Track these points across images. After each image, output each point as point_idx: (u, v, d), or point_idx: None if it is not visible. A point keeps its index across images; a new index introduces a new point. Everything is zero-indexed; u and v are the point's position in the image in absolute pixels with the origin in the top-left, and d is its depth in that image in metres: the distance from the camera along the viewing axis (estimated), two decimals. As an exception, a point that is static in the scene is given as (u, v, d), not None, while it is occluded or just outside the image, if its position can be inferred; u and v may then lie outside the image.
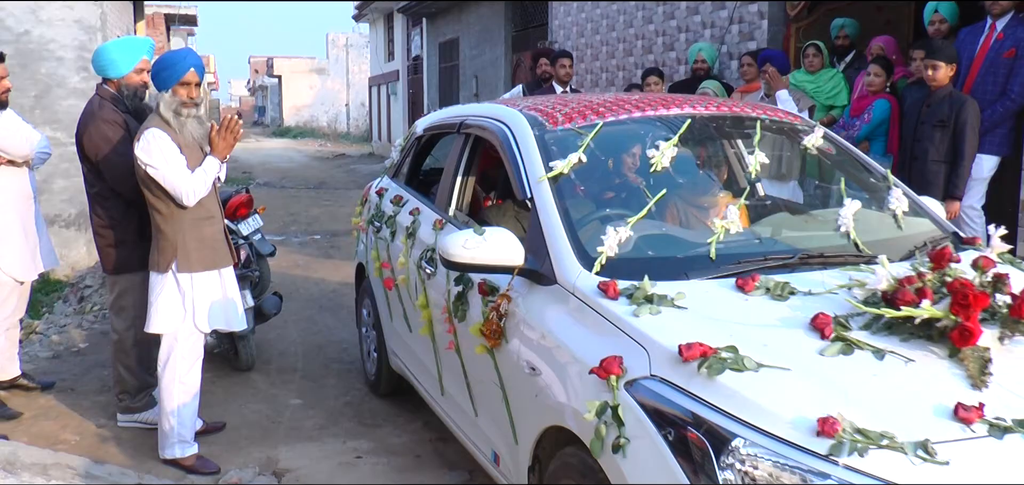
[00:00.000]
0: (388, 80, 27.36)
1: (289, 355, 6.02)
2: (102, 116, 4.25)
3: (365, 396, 5.19)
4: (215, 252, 4.08)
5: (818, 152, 3.56)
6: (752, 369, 2.15)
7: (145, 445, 4.37)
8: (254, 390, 5.28)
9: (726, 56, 8.45)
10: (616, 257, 2.80)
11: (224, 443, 4.45)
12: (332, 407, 4.99)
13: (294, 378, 5.52)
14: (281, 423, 4.75)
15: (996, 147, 5.28)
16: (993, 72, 5.29)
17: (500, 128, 3.60)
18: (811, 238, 3.14)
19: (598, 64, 11.34)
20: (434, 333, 3.78)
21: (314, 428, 4.67)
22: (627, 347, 2.38)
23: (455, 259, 2.91)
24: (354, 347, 6.11)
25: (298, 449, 4.38)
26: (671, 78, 9.08)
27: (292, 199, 15.70)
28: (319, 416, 4.85)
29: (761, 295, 2.54)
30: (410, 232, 4.14)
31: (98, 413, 4.85)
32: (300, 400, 5.12)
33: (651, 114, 3.53)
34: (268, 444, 4.44)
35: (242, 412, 4.89)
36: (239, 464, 4.18)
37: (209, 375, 5.22)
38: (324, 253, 10.09)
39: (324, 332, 6.65)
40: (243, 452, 4.34)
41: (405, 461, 4.25)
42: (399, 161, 5.05)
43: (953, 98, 5.17)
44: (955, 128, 5.10)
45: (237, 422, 4.74)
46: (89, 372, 5.63)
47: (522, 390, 2.85)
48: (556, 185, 3.12)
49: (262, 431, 4.63)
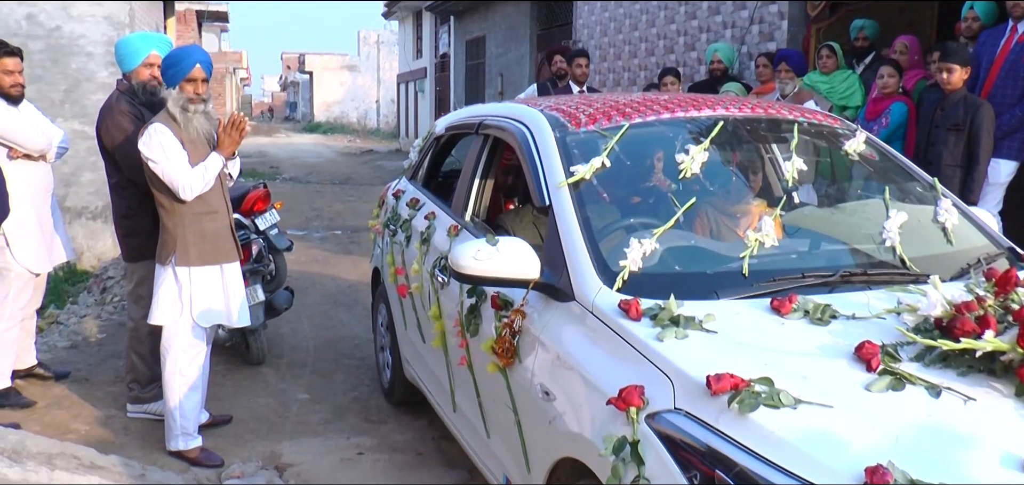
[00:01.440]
0: (416, 77, 27.30)
1: (301, 350, 6.01)
2: (118, 108, 4.35)
3: (372, 392, 5.17)
4: (217, 247, 4.06)
5: (860, 158, 3.30)
6: (790, 406, 1.91)
7: (153, 437, 4.38)
8: (263, 384, 5.28)
9: (746, 57, 8.29)
10: (640, 272, 2.57)
11: (230, 436, 4.45)
12: (339, 403, 4.98)
13: (304, 373, 5.51)
14: (287, 418, 4.74)
15: (1015, 152, 5.16)
16: (1013, 75, 5.17)
17: (519, 129, 3.38)
18: (852, 253, 2.88)
19: (620, 63, 11.25)
20: (447, 346, 3.57)
21: (319, 423, 4.66)
22: (649, 375, 2.15)
23: (466, 271, 2.70)
24: (366, 343, 6.09)
25: (302, 444, 4.37)
26: (691, 78, 9.02)
27: (316, 194, 15.71)
28: (325, 411, 4.84)
29: (799, 318, 2.29)
30: (425, 237, 3.93)
31: (110, 404, 4.88)
32: (308, 395, 5.11)
33: (681, 115, 3.29)
34: (273, 438, 4.44)
35: (250, 405, 4.90)
36: (243, 458, 4.17)
37: (220, 368, 5.36)
38: (343, 249, 10.07)
39: (337, 327, 6.64)
40: (248, 446, 4.34)
41: (407, 458, 4.23)
42: (417, 162, 4.85)
43: (967, 101, 5.07)
44: (970, 132, 5.00)
45: (244, 415, 4.73)
46: (105, 362, 5.66)
47: (535, 415, 2.63)
48: (577, 191, 2.90)
49: (268, 425, 4.63)
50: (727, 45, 8.08)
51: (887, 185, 3.15)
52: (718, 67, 7.62)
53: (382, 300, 4.92)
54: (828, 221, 3.13)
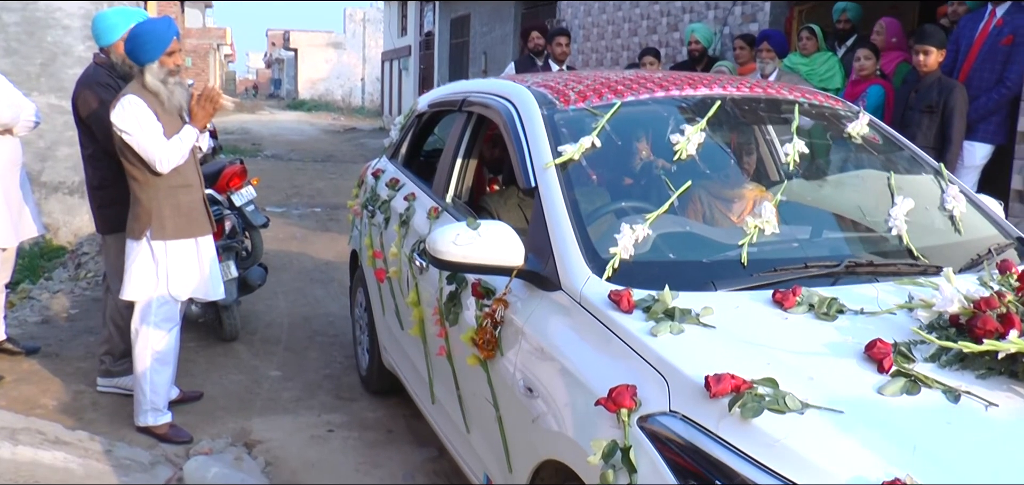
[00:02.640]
0: (400, 55, 27.07)
1: (275, 326, 5.95)
2: (96, 79, 4.31)
3: (345, 369, 5.11)
4: (191, 220, 4.02)
5: (863, 141, 3.13)
6: (796, 410, 1.74)
7: (122, 412, 4.30)
8: (236, 360, 5.22)
9: (728, 38, 8.22)
10: (631, 260, 2.39)
11: (200, 413, 4.39)
12: (311, 380, 4.94)
13: (277, 350, 5.46)
14: (258, 394, 4.70)
15: (990, 135, 5.17)
16: (991, 59, 5.20)
17: (504, 106, 3.19)
18: (857, 242, 2.71)
19: (603, 43, 11.17)
20: (425, 335, 3.39)
21: (290, 400, 4.63)
22: (642, 373, 1.98)
23: (444, 256, 2.51)
24: (341, 320, 6.06)
25: (272, 421, 4.33)
26: (673, 59, 8.97)
27: (298, 171, 15.62)
28: (297, 388, 4.80)
29: (803, 313, 2.12)
30: (404, 219, 3.74)
31: (79, 379, 4.79)
32: (280, 372, 5.06)
33: (676, 94, 3.11)
34: (243, 415, 4.39)
35: (221, 382, 4.84)
36: (212, 434, 4.14)
37: (193, 344, 5.31)
38: (322, 226, 9.99)
39: (313, 305, 6.56)
40: (218, 422, 4.29)
41: (377, 436, 4.20)
42: (398, 140, 4.65)
43: (942, 83, 5.08)
44: (943, 114, 5.00)
45: (215, 392, 4.68)
46: (76, 338, 5.54)
47: (518, 412, 2.45)
48: (565, 173, 2.71)
49: (239, 402, 4.58)
50: (705, 26, 8.00)
51: (891, 170, 2.99)
52: (696, 47, 7.52)
53: (360, 284, 4.73)
54: (825, 201, 2.97)
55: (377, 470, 3.86)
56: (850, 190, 3.01)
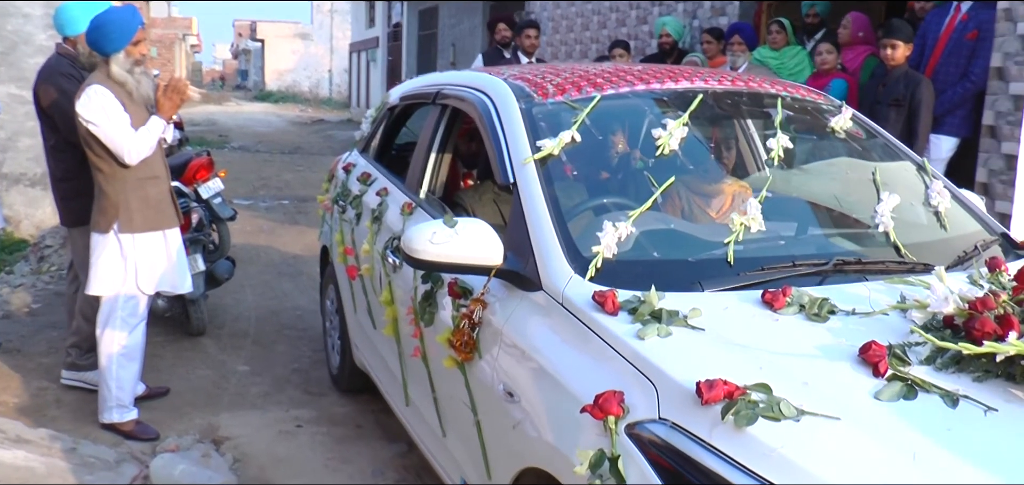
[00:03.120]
0: (368, 46, 26.85)
1: (243, 320, 5.87)
2: (58, 69, 4.23)
3: (313, 364, 5.05)
4: (160, 213, 3.97)
5: (846, 135, 3.08)
6: (792, 418, 1.67)
7: (86, 409, 4.21)
8: (203, 355, 5.14)
9: (697, 31, 8.20)
10: (614, 259, 2.31)
11: (166, 409, 4.31)
12: (279, 374, 4.87)
13: (245, 344, 5.39)
14: (226, 390, 4.63)
15: (955, 128, 5.25)
16: (956, 54, 5.27)
17: (480, 99, 3.10)
18: (842, 238, 2.66)
19: (573, 35, 11.10)
20: (399, 334, 3.29)
21: (258, 395, 4.56)
22: (629, 379, 1.90)
23: (420, 255, 2.41)
24: (309, 314, 5.99)
25: (240, 417, 4.27)
26: (643, 51, 8.92)
27: (265, 163, 15.47)
28: (265, 383, 4.74)
29: (793, 314, 2.06)
30: (376, 215, 3.63)
31: (42, 375, 4.69)
32: (248, 367, 4.99)
33: (656, 87, 3.03)
34: (211, 411, 4.33)
35: (188, 377, 4.77)
36: (179, 431, 4.06)
37: (159, 339, 5.23)
38: (290, 219, 9.88)
39: (281, 298, 6.49)
40: (185, 418, 4.22)
41: (345, 431, 4.15)
42: (370, 134, 4.53)
43: (909, 77, 5.14)
44: (910, 107, 5.06)
45: (182, 387, 4.61)
46: (39, 333, 5.42)
47: (497, 417, 2.36)
48: (544, 168, 2.62)
49: (206, 397, 4.51)
50: (675, 19, 7.98)
51: (874, 165, 2.93)
52: (666, 41, 7.52)
53: (331, 281, 4.61)
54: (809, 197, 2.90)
55: (346, 466, 3.81)
56: (834, 186, 2.95)
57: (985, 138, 5.04)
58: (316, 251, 8.06)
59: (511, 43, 7.49)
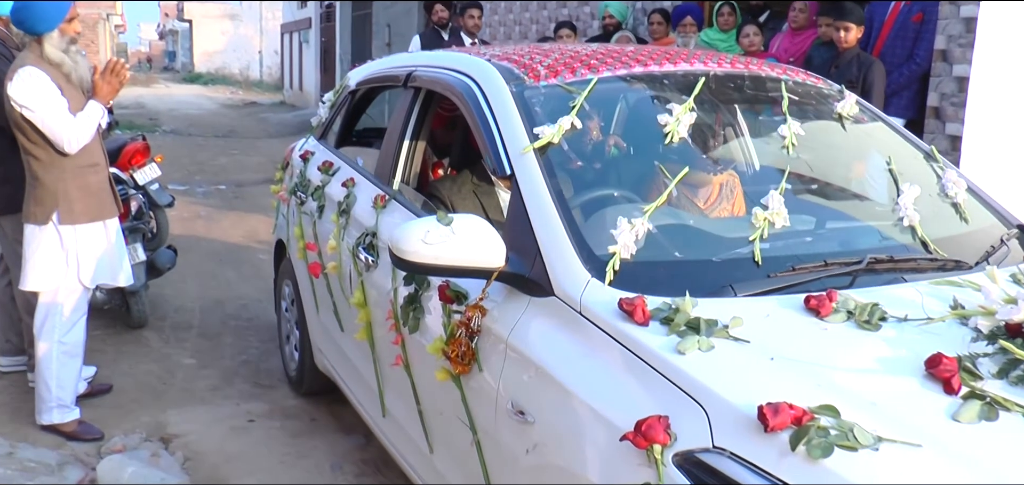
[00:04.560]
0: (300, 27, 26.24)
1: (185, 311, 5.69)
2: None
3: (262, 355, 4.90)
4: (100, 202, 3.78)
5: (853, 121, 2.90)
6: (869, 446, 1.47)
7: (23, 410, 3.98)
8: (146, 349, 4.97)
9: (640, 13, 8.11)
10: (632, 260, 2.08)
11: (110, 406, 4.11)
12: (227, 367, 4.73)
13: (189, 336, 5.23)
14: (173, 385, 4.47)
15: (902, 109, 5.33)
16: (902, 36, 5.36)
17: (463, 82, 2.83)
18: (866, 233, 2.48)
19: (512, 17, 10.94)
20: (374, 339, 3.01)
21: (207, 389, 4.42)
22: (672, 400, 1.67)
23: (411, 258, 2.14)
24: (254, 303, 5.85)
25: (188, 412, 4.12)
26: (585, 33, 8.78)
27: (199, 148, 15.02)
28: (213, 376, 4.59)
29: (842, 321, 1.85)
30: (343, 209, 3.34)
31: None
32: (194, 360, 4.84)
33: (655, 70, 2.81)
34: (157, 407, 4.16)
35: (132, 373, 4.58)
36: (125, 429, 3.88)
37: (98, 333, 5.02)
38: (228, 205, 9.63)
39: (224, 288, 6.30)
40: (130, 416, 4.04)
41: (300, 424, 4.02)
42: (328, 119, 4.21)
43: (861, 59, 5.16)
44: (863, 89, 5.07)
45: (125, 383, 4.41)
46: None
47: (504, 438, 2.11)
48: (544, 158, 2.38)
49: (152, 393, 4.34)
50: (620, 1, 7.85)
51: (884, 153, 2.77)
52: (610, 22, 7.44)
53: (288, 277, 4.29)
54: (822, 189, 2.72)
55: (303, 461, 3.66)
56: (847, 175, 2.78)
57: (930, 119, 5.14)
58: (259, 237, 7.88)
59: (449, 24, 7.34)
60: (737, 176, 2.78)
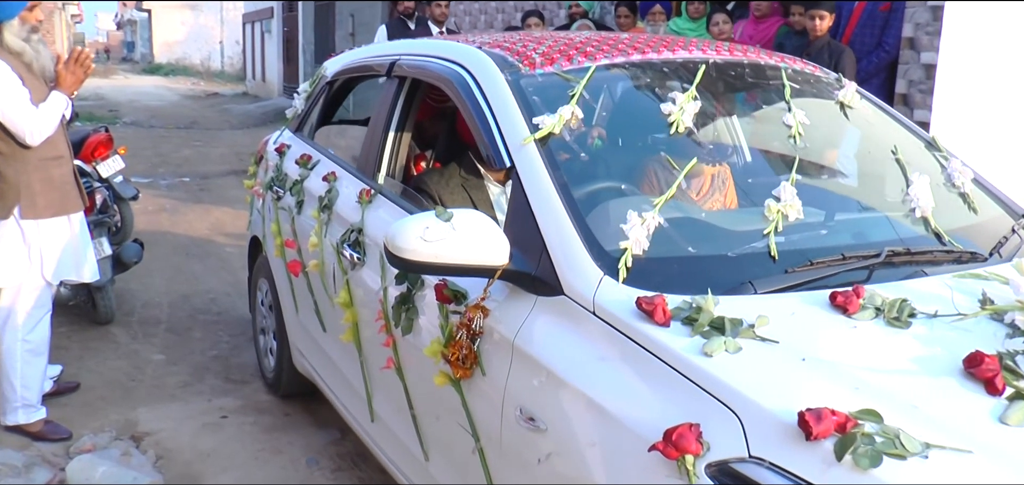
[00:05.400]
0: (262, 17, 25.88)
1: (153, 306, 5.60)
2: None
3: (233, 349, 4.83)
4: (64, 196, 3.68)
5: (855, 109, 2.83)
6: (918, 453, 1.38)
7: None
8: (113, 345, 4.86)
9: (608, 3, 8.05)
10: (644, 256, 1.97)
11: (78, 405, 4.03)
12: (198, 362, 4.65)
13: (158, 331, 5.15)
14: (142, 381, 4.38)
15: None
16: (870, 24, 5.46)
17: (454, 71, 2.70)
18: (877, 225, 2.39)
19: (477, 6, 10.94)
20: (361, 341, 2.88)
21: (177, 386, 4.34)
22: (702, 407, 1.57)
23: (410, 256, 2.02)
24: (223, 297, 5.79)
25: (159, 410, 4.03)
26: (551, 22, 8.77)
27: (161, 139, 14.78)
28: (183, 372, 4.51)
29: (870, 318, 1.77)
30: (325, 204, 3.20)
31: None
32: (163, 355, 4.75)
33: (653, 57, 2.71)
34: (127, 405, 4.07)
35: (99, 370, 4.48)
36: (94, 428, 3.80)
37: (63, 330, 4.93)
38: (193, 197, 9.52)
39: (192, 281, 6.21)
40: (99, 415, 3.95)
41: (274, 420, 3.95)
42: (304, 111, 4.05)
43: (831, 47, 5.22)
44: None
45: (93, 381, 4.31)
46: None
47: (511, 447, 2.00)
48: (545, 149, 2.26)
49: (121, 391, 4.25)
50: None
51: (888, 142, 2.69)
52: (577, 11, 7.41)
53: (263, 275, 4.13)
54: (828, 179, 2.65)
55: (278, 457, 3.60)
56: (852, 165, 2.70)
57: (898, 106, 5.22)
58: (225, 230, 7.72)
59: (414, 13, 7.28)
60: (728, 167, 2.70)
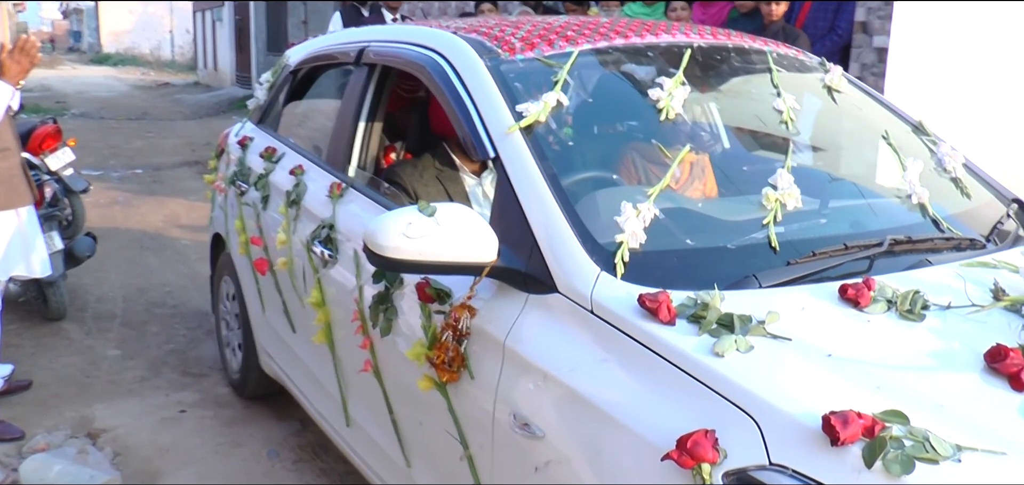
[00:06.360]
0: (213, 5, 25.41)
1: (107, 301, 5.48)
2: None
3: (191, 342, 4.76)
4: (11, 189, 3.64)
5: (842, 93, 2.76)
6: (950, 457, 1.30)
7: None
8: (66, 341, 4.75)
9: None
10: (641, 250, 1.87)
11: (31, 403, 3.95)
12: (154, 356, 4.57)
13: (113, 326, 5.04)
14: (97, 377, 4.29)
15: None
16: (823, 9, 5.52)
17: (429, 57, 2.58)
18: (874, 212, 2.32)
19: None
20: (334, 342, 2.75)
21: (134, 381, 4.26)
22: (715, 411, 1.48)
23: (392, 254, 1.89)
24: (179, 289, 5.69)
25: (116, 406, 3.96)
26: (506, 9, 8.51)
27: (112, 131, 14.42)
28: (140, 367, 4.42)
29: (882, 311, 1.69)
30: (292, 199, 3.05)
31: None
32: (119, 350, 4.65)
33: (637, 42, 2.61)
34: (82, 402, 3.99)
35: (52, 367, 4.38)
36: (48, 427, 3.72)
37: (14, 327, 4.82)
38: (146, 189, 9.33)
39: (146, 274, 6.08)
40: (53, 413, 3.87)
41: (233, 413, 3.91)
42: (267, 102, 3.88)
43: (786, 31, 5.24)
44: None
45: (47, 379, 4.23)
46: None
47: (505, 454, 1.89)
48: (531, 138, 2.15)
49: (76, 387, 4.15)
50: None
51: (877, 127, 2.63)
52: None
53: (226, 272, 3.97)
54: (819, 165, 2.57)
55: (239, 450, 3.56)
56: (840, 151, 2.63)
57: None
58: (180, 222, 7.58)
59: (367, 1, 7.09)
60: (706, 154, 2.63)
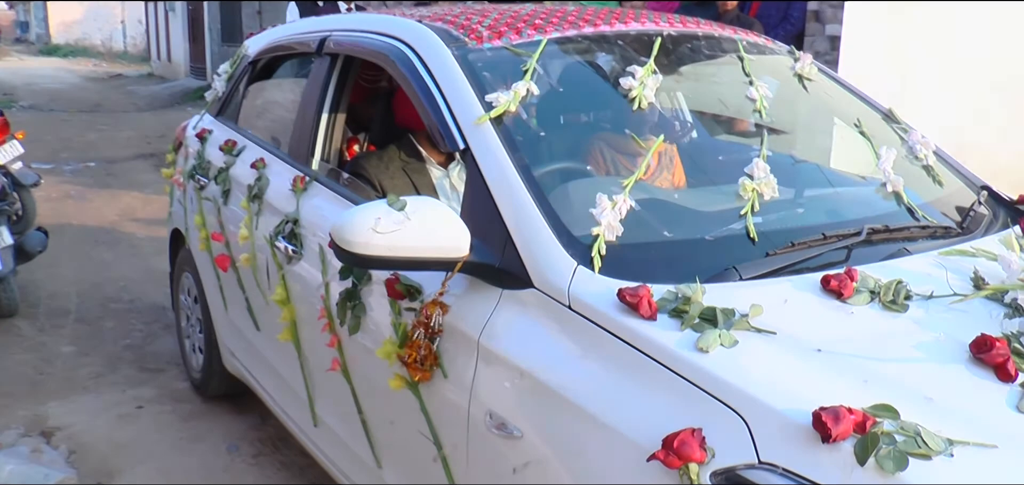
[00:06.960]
0: (165, -6, 24.87)
1: (61, 296, 5.36)
2: None
3: (148, 337, 4.69)
4: None
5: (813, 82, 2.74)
6: (942, 452, 1.27)
7: None
8: (18, 338, 4.67)
9: None
10: (618, 243, 1.82)
11: None
12: (110, 352, 4.49)
13: (67, 322, 4.94)
14: (51, 375, 4.23)
15: None
16: None
17: (394, 47, 2.50)
18: (850, 201, 2.31)
19: None
20: (300, 340, 2.67)
21: (89, 377, 4.19)
22: (701, 409, 1.43)
23: (363, 251, 1.81)
24: (135, 284, 5.59)
25: (71, 403, 3.90)
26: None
27: (63, 123, 14.03)
28: (95, 363, 4.34)
29: (865, 303, 1.66)
30: (254, 193, 2.96)
31: None
32: (73, 347, 4.58)
33: (606, 30, 2.56)
34: (35, 400, 3.92)
35: (3, 365, 4.32)
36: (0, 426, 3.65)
37: None
38: (100, 182, 9.14)
39: (101, 269, 5.95)
40: (5, 412, 3.81)
41: (192, 407, 3.87)
42: (226, 93, 3.77)
43: (741, 20, 5.39)
44: None
45: None
46: None
47: (481, 455, 1.83)
48: (501, 129, 2.09)
49: (28, 385, 4.09)
50: None
51: (846, 115, 2.62)
52: None
53: (187, 269, 3.85)
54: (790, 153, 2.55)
55: (198, 444, 3.54)
56: (809, 139, 2.61)
57: None
58: (135, 215, 7.46)
59: None
60: (674, 145, 2.59)
